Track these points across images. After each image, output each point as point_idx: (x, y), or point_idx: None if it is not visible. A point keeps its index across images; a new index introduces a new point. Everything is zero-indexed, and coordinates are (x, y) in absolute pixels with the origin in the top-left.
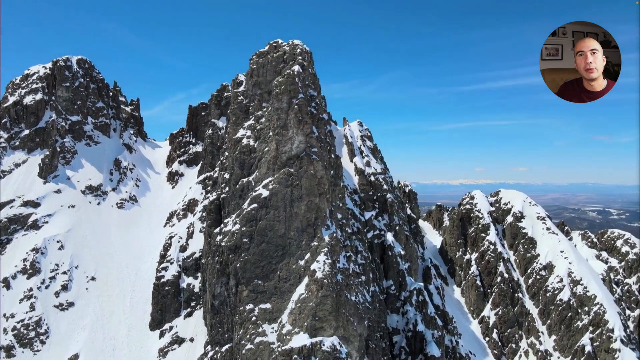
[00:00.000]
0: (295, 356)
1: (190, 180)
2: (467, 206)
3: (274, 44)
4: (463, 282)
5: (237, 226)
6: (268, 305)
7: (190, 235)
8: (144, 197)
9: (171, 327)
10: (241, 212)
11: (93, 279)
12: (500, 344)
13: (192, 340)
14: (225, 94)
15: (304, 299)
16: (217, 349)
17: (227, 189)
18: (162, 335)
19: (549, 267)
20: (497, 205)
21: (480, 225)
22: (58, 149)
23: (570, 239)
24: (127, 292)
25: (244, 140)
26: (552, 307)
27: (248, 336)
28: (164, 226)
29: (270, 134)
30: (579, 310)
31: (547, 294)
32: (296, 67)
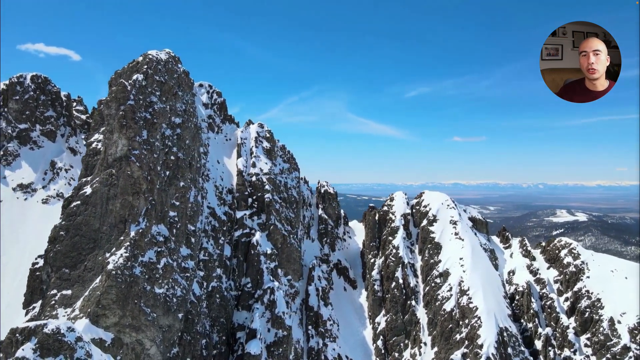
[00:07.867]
0: (18, 335)
1: None
2: (386, 208)
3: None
4: (369, 286)
5: (59, 220)
6: (69, 292)
7: None
8: None
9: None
10: (67, 208)
11: None
12: (383, 351)
13: None
14: None
15: (95, 287)
16: None
17: None
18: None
19: (445, 275)
20: (418, 207)
21: (390, 228)
22: (2, 153)
23: (509, 247)
24: (20, 275)
25: (94, 144)
26: (439, 317)
27: (42, 317)
28: None
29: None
30: (460, 322)
31: (437, 303)
32: (135, 76)
